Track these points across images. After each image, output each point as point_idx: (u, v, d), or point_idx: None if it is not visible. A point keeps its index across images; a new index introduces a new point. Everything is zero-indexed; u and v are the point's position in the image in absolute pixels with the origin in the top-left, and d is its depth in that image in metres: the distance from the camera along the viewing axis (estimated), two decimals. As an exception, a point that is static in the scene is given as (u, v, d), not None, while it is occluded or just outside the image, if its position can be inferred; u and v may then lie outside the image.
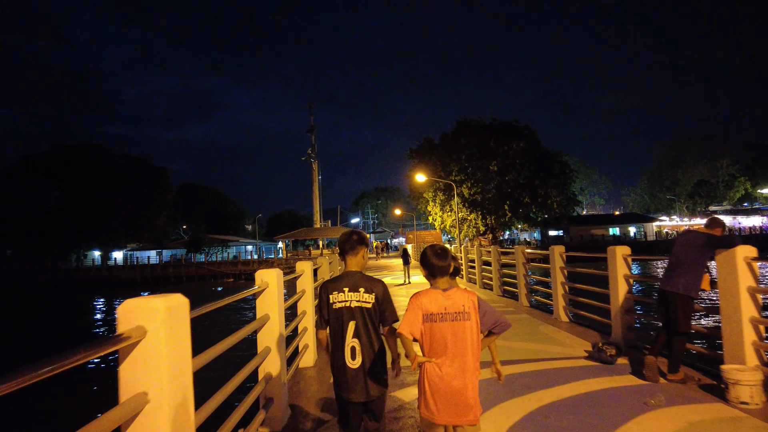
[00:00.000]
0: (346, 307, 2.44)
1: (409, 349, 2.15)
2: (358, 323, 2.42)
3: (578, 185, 65.23)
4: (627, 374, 4.37)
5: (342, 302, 2.45)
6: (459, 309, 2.18)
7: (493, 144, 44.73)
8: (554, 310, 7.33)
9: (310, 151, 59.10)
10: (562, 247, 7.16)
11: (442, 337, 2.16)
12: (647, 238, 58.54)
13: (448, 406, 2.13)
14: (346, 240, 2.56)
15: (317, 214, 59.22)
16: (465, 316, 2.18)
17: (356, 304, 2.43)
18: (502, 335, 2.29)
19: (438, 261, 2.28)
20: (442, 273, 2.29)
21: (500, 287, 10.65)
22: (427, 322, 2.19)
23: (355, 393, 2.39)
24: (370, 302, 2.43)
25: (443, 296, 2.21)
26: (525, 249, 8.88)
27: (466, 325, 2.17)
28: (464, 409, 2.14)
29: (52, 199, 56.23)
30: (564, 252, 7.17)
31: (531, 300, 8.84)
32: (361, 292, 2.44)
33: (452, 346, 2.15)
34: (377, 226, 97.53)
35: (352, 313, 2.43)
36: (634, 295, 5.65)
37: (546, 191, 44.64)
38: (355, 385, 2.39)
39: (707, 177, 76.36)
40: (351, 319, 2.42)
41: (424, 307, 2.20)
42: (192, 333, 1.80)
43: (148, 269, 48.92)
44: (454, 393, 2.13)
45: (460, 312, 2.18)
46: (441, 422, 2.16)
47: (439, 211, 46.78)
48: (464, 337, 2.16)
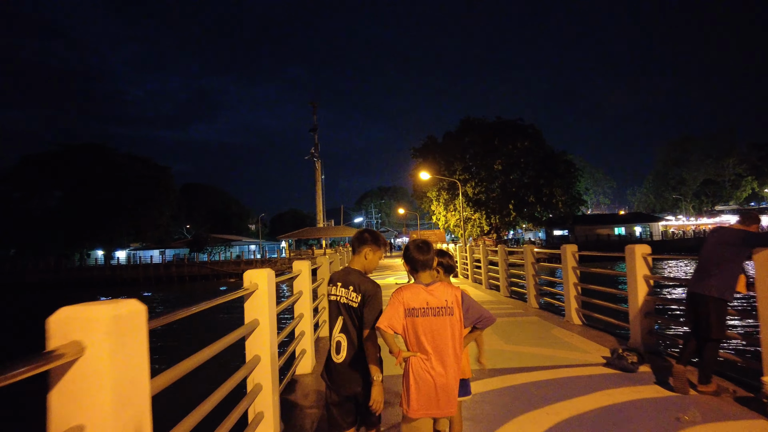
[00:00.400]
0: (336, 301, 2.47)
1: (392, 344, 2.16)
2: (345, 319, 2.42)
3: (583, 185, 64.76)
4: (651, 384, 4.01)
5: (334, 296, 2.49)
6: (441, 304, 2.17)
7: (497, 143, 44.32)
8: (566, 312, 6.96)
9: (313, 150, 58.90)
10: (575, 246, 6.80)
11: (425, 331, 2.15)
12: (653, 237, 57.96)
13: (432, 399, 2.14)
14: (354, 238, 2.58)
15: (320, 214, 58.99)
16: (447, 311, 2.17)
17: (344, 300, 2.43)
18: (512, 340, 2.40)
19: (419, 255, 2.28)
20: (424, 267, 2.28)
21: (507, 288, 10.28)
22: (409, 317, 2.18)
23: (336, 386, 2.39)
24: (356, 302, 2.39)
25: (426, 291, 2.20)
26: (534, 248, 8.52)
27: (449, 320, 2.17)
28: (446, 402, 2.14)
29: (54, 198, 56.23)
30: (576, 251, 6.81)
31: (540, 301, 8.47)
32: (349, 290, 2.42)
33: (435, 341, 2.15)
34: (380, 225, 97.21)
35: (341, 308, 2.44)
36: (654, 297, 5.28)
37: (551, 190, 44.19)
38: (338, 378, 2.38)
39: (713, 176, 75.75)
40: (339, 315, 2.44)
41: (406, 302, 2.18)
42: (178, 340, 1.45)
43: (150, 269, 48.84)
44: (438, 387, 2.13)
45: (442, 307, 2.17)
46: (423, 416, 2.16)
47: (443, 210, 46.42)
48: (446, 333, 2.16)
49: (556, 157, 46.47)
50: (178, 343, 15.32)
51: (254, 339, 3.03)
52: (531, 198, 44.20)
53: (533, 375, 4.37)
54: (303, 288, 4.95)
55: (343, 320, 2.42)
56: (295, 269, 5.00)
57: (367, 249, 2.50)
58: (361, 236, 2.55)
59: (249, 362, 2.95)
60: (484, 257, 12.02)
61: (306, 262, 5.12)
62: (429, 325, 2.16)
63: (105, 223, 53.82)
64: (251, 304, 3.04)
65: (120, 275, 47.48)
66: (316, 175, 59.26)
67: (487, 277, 11.95)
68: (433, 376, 2.14)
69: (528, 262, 8.48)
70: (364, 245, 2.50)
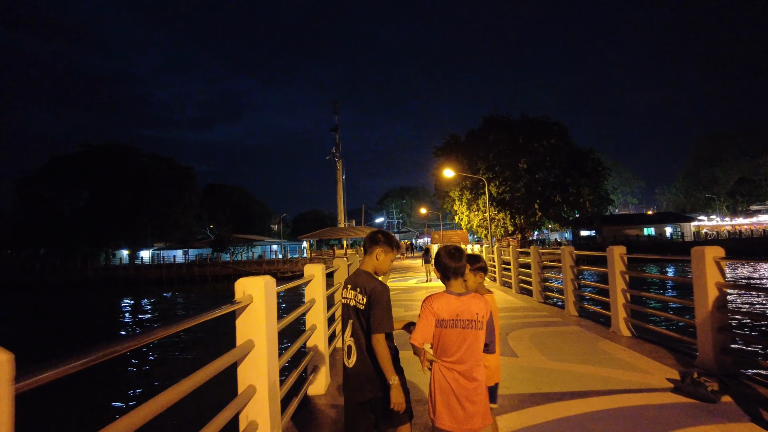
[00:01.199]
0: (347, 304, 2.42)
1: (421, 353, 2.16)
2: (355, 323, 2.37)
3: (610, 184, 62.81)
4: (744, 421, 3.22)
5: (345, 299, 2.44)
6: (472, 317, 2.14)
7: (522, 141, 43.13)
8: (612, 321, 6.17)
9: (334, 150, 58.65)
10: (623, 247, 6.01)
11: (453, 342, 2.13)
12: (685, 238, 55.78)
13: (458, 412, 2.10)
14: (367, 238, 2.51)
15: (341, 214, 58.68)
16: (477, 325, 2.13)
17: (353, 303, 2.39)
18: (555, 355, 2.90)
19: (452, 262, 2.21)
20: (456, 275, 2.22)
21: (541, 293, 9.48)
22: (438, 327, 2.15)
23: (351, 391, 2.35)
24: (363, 304, 2.33)
25: (457, 301, 2.16)
26: (572, 249, 7.73)
27: (478, 333, 2.14)
28: (474, 415, 2.10)
29: (82, 198, 57.34)
30: (625, 254, 6.01)
31: (579, 308, 7.68)
32: (357, 292, 2.37)
33: (462, 352, 2.11)
34: (402, 225, 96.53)
35: (351, 312, 2.39)
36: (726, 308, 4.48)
37: (578, 190, 42.79)
38: (352, 383, 2.34)
39: (749, 174, 72.62)
40: (349, 318, 2.40)
41: (437, 313, 2.14)
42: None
43: (173, 268, 49.38)
44: (464, 399, 2.10)
45: (472, 320, 2.13)
46: (451, 428, 2.10)
47: (465, 210, 45.43)
48: (474, 345, 2.13)
49: (584, 155, 45.01)
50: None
51: (248, 365, 2.40)
52: (557, 197, 42.86)
53: (588, 403, 3.64)
54: (316, 295, 4.32)
55: (353, 324, 2.37)
56: (307, 274, 4.35)
57: (379, 250, 2.43)
58: (374, 237, 2.47)
59: (241, 395, 2.34)
60: (514, 259, 11.23)
61: (319, 265, 4.50)
62: (457, 337, 2.12)
63: (129, 223, 54.66)
64: (244, 321, 2.41)
65: (144, 275, 48.12)
66: (337, 175, 58.99)
67: (517, 281, 11.16)
68: (459, 388, 2.10)
69: (566, 264, 7.69)
70: (376, 246, 2.43)
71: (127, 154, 57.61)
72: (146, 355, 13.85)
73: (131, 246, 58.06)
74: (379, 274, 2.45)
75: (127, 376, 11.76)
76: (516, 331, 6.40)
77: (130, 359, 13.11)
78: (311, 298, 4.31)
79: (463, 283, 2.25)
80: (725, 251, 4.44)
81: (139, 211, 55.23)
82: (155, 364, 13.23)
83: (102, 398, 9.85)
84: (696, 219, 64.41)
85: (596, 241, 54.55)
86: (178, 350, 14.61)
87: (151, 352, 14.17)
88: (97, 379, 10.89)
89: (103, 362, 1.24)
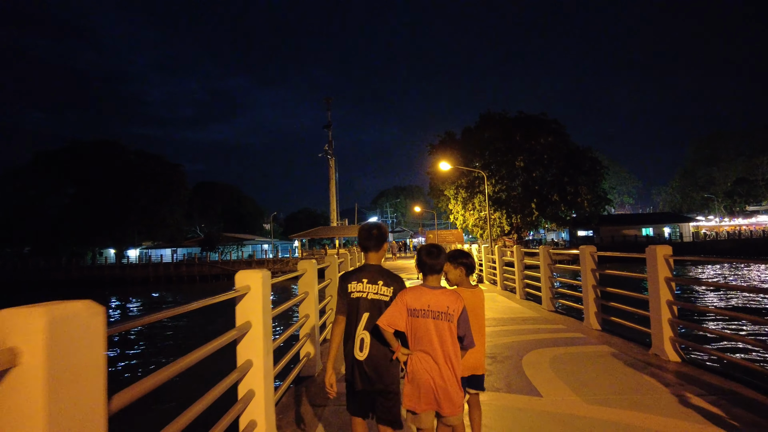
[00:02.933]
0: (362, 298, 2.47)
1: (391, 340, 2.33)
2: (371, 315, 2.42)
3: (607, 184, 61.83)
4: None
5: (359, 292, 2.48)
6: (443, 309, 2.28)
7: (519, 138, 42.00)
8: (654, 341, 4.89)
9: (326, 147, 57.27)
10: (668, 248, 4.75)
11: (424, 332, 2.28)
12: (683, 239, 54.86)
13: (430, 397, 2.25)
14: (367, 235, 2.56)
15: (334, 213, 57.30)
16: (447, 317, 2.27)
17: (373, 296, 2.45)
18: (590, 391, 2.74)
19: (428, 259, 2.39)
20: (432, 270, 2.39)
21: (551, 300, 8.21)
22: (411, 317, 2.31)
23: (360, 383, 2.40)
24: (388, 296, 2.44)
25: (430, 293, 2.32)
26: (594, 250, 6.47)
27: (447, 325, 2.27)
28: (445, 401, 2.24)
29: (67, 196, 55.69)
30: (671, 255, 4.74)
31: (602, 321, 6.41)
32: (379, 285, 2.46)
33: (432, 342, 2.26)
34: (396, 225, 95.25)
35: (367, 304, 2.45)
36: None
37: (576, 189, 41.70)
38: (362, 375, 2.39)
39: (746, 175, 71.88)
40: (365, 311, 2.44)
41: (408, 302, 2.31)
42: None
43: (161, 268, 48.24)
44: (436, 387, 2.23)
45: (443, 312, 2.28)
46: (421, 410, 2.26)
47: (461, 209, 44.23)
48: (446, 335, 2.27)
49: (581, 154, 43.93)
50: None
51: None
52: (555, 196, 41.72)
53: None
54: (309, 288, 4.68)
55: (369, 316, 2.42)
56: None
57: (387, 245, 2.59)
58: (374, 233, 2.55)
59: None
60: (518, 260, 9.95)
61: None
62: (428, 327, 2.27)
63: (115, 221, 53.13)
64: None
65: (130, 274, 46.96)
66: (329, 173, 57.62)
67: (522, 285, 9.89)
68: (430, 375, 2.25)
69: (587, 268, 6.43)
70: (383, 242, 2.56)
71: (113, 151, 55.97)
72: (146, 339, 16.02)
73: (118, 245, 56.50)
74: None
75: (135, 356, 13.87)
76: (531, 353, 5.13)
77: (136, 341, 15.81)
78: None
79: (440, 279, 2.43)
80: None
81: (126, 209, 53.72)
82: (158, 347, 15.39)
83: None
84: (695, 219, 63.52)
85: (594, 241, 53.53)
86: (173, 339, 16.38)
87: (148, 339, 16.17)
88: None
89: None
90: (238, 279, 2.78)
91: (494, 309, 8.53)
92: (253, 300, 2.77)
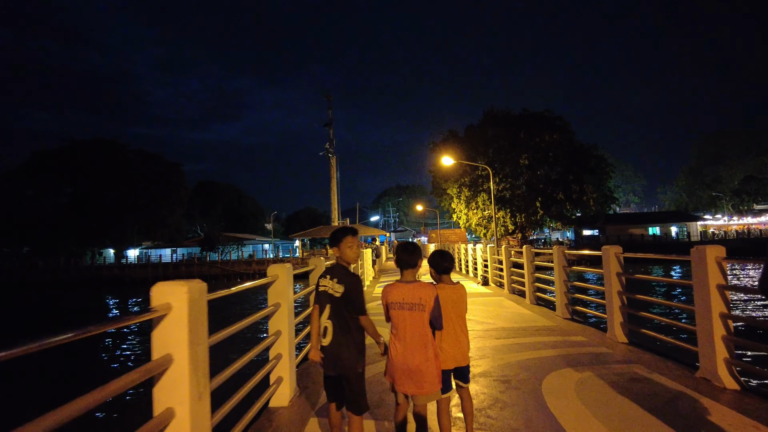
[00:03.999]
0: (326, 291, 2.72)
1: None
2: (332, 307, 2.68)
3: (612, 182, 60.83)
4: None
5: (324, 287, 2.75)
6: (416, 301, 2.53)
7: (523, 136, 41.02)
8: (702, 362, 3.99)
9: (327, 145, 56.38)
10: (721, 248, 3.83)
11: (400, 321, 2.56)
12: (691, 238, 53.80)
13: (404, 379, 2.52)
14: (330, 236, 2.90)
15: (335, 212, 56.42)
16: (420, 308, 2.52)
17: (331, 291, 2.69)
18: None
19: (403, 255, 2.66)
20: (407, 266, 2.65)
21: (568, 307, 7.34)
22: (391, 310, 2.61)
23: (326, 367, 2.67)
24: (340, 292, 2.65)
25: (405, 288, 2.58)
26: (620, 251, 5.62)
27: (421, 315, 2.53)
28: (419, 383, 2.49)
29: (65, 195, 55.04)
30: (724, 258, 3.83)
31: (629, 332, 5.54)
32: (334, 282, 2.69)
33: (407, 331, 2.53)
34: (398, 224, 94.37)
35: (328, 298, 2.70)
36: None
37: (581, 187, 40.70)
38: (326, 360, 2.65)
39: (754, 173, 70.74)
40: (327, 303, 2.70)
41: (386, 298, 2.63)
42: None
43: (159, 268, 47.79)
44: (410, 370, 2.49)
45: (416, 303, 2.53)
46: (398, 390, 2.56)
47: (464, 208, 43.31)
48: (418, 324, 2.52)
49: (587, 152, 42.95)
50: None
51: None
52: (560, 195, 40.72)
53: None
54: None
55: (330, 308, 2.68)
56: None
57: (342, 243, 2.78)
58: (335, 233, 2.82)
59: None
60: (528, 261, 9.08)
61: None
62: (403, 317, 2.54)
63: (114, 221, 52.47)
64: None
65: (128, 274, 46.49)
66: (331, 172, 56.75)
67: (533, 289, 9.02)
68: (404, 360, 2.50)
69: (611, 271, 5.56)
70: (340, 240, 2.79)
71: (111, 150, 55.24)
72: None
73: (117, 245, 55.86)
74: (350, 263, 2.81)
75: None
76: (551, 375, 4.26)
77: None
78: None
79: (415, 273, 2.67)
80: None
81: (125, 208, 53.03)
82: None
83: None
84: (702, 218, 62.43)
85: (599, 240, 52.60)
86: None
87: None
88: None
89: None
90: (155, 294, 2.15)
91: (503, 316, 7.66)
92: (176, 324, 2.13)
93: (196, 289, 2.07)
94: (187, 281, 2.04)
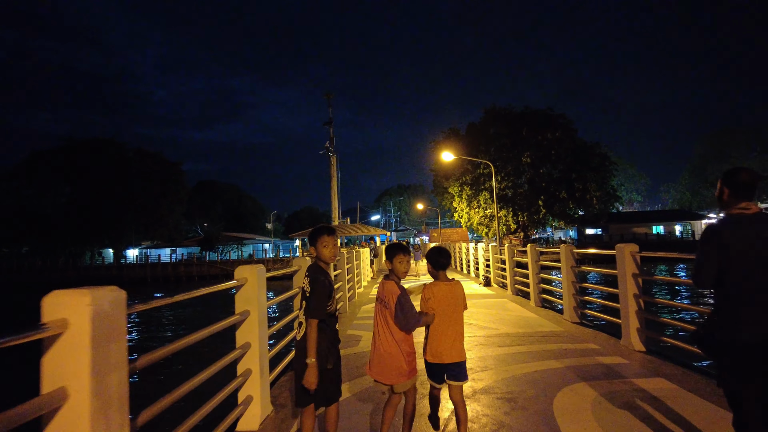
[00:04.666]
0: (302, 288, 2.75)
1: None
2: (304, 303, 2.70)
3: (615, 180, 60.17)
4: None
5: (303, 284, 2.77)
6: (382, 297, 2.75)
7: (525, 134, 40.50)
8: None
9: (327, 144, 55.80)
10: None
11: (375, 314, 2.80)
12: (695, 237, 53.17)
13: (378, 368, 2.69)
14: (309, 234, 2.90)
15: (335, 211, 55.80)
16: (384, 304, 2.73)
17: (305, 288, 2.70)
18: None
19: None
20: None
21: (576, 310, 6.82)
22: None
23: (296, 359, 2.67)
24: (308, 290, 2.67)
25: (382, 285, 2.80)
26: (636, 250, 5.10)
27: (385, 311, 2.72)
28: (392, 372, 2.64)
29: (64, 195, 54.63)
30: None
31: (646, 340, 5.02)
32: (307, 280, 2.71)
33: (378, 323, 2.75)
34: (399, 224, 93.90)
35: (303, 294, 2.72)
36: None
37: (584, 185, 40.13)
38: (297, 352, 2.67)
39: (759, 171, 70.07)
40: (303, 299, 2.71)
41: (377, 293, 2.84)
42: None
43: (159, 268, 47.55)
44: (382, 359, 2.67)
45: (384, 300, 2.74)
46: (373, 378, 2.72)
47: (465, 207, 42.79)
48: (383, 319, 2.72)
49: (590, 150, 42.36)
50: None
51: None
52: (562, 194, 40.18)
53: None
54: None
55: (303, 303, 2.70)
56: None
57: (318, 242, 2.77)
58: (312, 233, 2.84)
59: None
60: (533, 261, 8.56)
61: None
62: (376, 311, 2.79)
63: (113, 221, 52.01)
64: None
65: (127, 275, 46.12)
66: (331, 170, 56.22)
67: (538, 290, 8.50)
68: (374, 349, 2.74)
69: (627, 272, 5.03)
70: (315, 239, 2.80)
71: (110, 149, 54.80)
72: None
73: (116, 245, 55.44)
74: (328, 263, 2.78)
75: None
76: (563, 392, 3.73)
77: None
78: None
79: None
80: None
81: (124, 208, 52.57)
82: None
83: None
84: (707, 217, 61.76)
85: (603, 239, 52.03)
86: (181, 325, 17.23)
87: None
88: None
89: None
90: (48, 308, 1.60)
91: (506, 320, 7.13)
92: (76, 345, 1.60)
93: (106, 299, 1.56)
94: (93, 289, 1.54)
